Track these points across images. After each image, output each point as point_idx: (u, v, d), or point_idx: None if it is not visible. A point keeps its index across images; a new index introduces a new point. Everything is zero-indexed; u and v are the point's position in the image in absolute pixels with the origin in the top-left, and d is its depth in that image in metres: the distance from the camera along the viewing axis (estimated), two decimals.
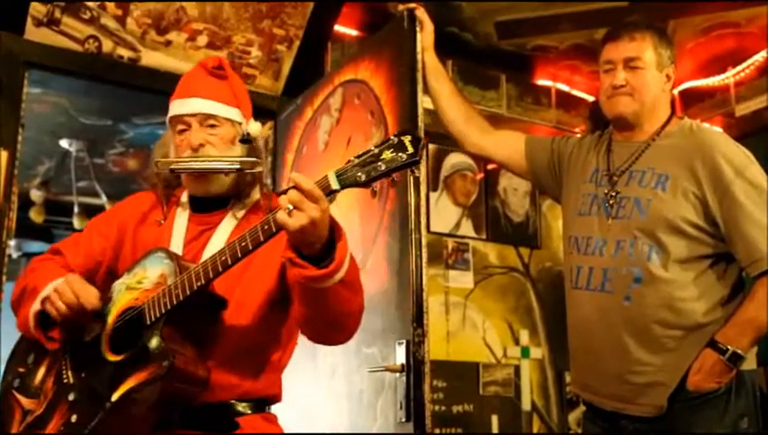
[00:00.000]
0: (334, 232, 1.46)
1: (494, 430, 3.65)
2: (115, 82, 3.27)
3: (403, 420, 2.26)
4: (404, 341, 2.29)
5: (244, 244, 1.49)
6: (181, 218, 1.78)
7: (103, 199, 5.49)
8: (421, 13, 2.43)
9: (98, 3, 3.09)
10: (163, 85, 3.24)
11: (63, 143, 4.93)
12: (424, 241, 2.33)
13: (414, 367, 2.25)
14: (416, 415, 2.22)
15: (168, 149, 1.79)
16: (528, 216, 4.04)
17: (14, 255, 6.25)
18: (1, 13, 2.95)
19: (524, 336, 3.87)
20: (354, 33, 3.68)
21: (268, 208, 1.71)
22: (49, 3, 3.00)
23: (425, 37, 2.42)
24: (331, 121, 2.93)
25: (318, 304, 1.51)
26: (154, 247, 1.68)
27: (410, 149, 1.37)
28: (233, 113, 1.76)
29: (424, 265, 2.31)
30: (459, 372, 3.62)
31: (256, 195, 1.80)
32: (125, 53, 3.20)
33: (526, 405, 3.78)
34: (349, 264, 1.48)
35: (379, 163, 1.37)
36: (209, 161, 1.70)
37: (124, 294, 1.67)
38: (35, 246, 6.38)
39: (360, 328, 1.64)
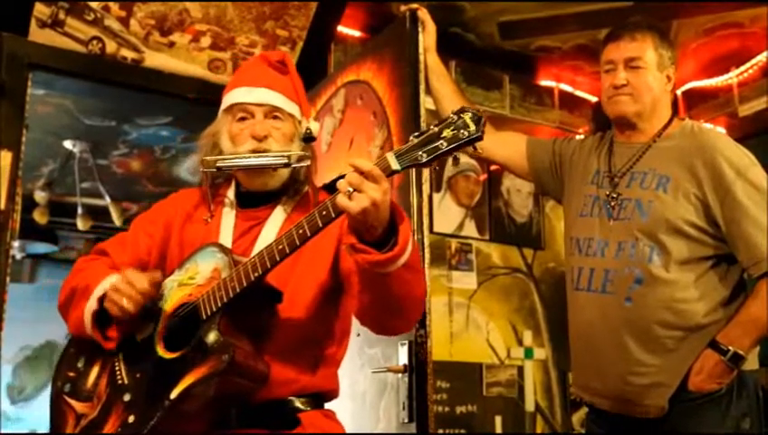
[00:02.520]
0: (395, 215, 1.41)
1: (498, 430, 3.64)
2: (119, 83, 3.27)
3: (406, 420, 2.26)
4: (407, 341, 2.29)
5: (301, 231, 1.44)
6: (228, 215, 1.75)
7: (107, 201, 5.50)
8: (423, 13, 2.43)
9: (101, 4, 3.10)
10: (167, 86, 3.27)
11: (67, 144, 4.94)
12: (427, 242, 2.33)
13: (417, 368, 2.25)
14: (418, 416, 2.22)
15: (217, 139, 1.75)
16: (531, 216, 4.04)
17: (18, 256, 6.26)
18: (5, 14, 2.96)
19: (528, 337, 3.87)
20: (357, 34, 3.68)
21: (315, 203, 1.67)
22: (53, 4, 3.01)
23: (427, 38, 2.42)
24: (334, 122, 2.93)
25: (381, 290, 1.45)
26: (205, 243, 1.64)
27: (472, 126, 1.32)
28: (295, 110, 1.75)
29: (427, 265, 2.31)
30: (462, 372, 3.61)
31: (304, 190, 1.76)
32: (129, 54, 3.21)
33: (530, 406, 3.78)
34: (411, 246, 1.43)
35: (441, 141, 1.32)
36: (255, 158, 1.67)
37: (176, 291, 1.62)
38: (39, 247, 6.40)
39: (362, 328, 1.63)
